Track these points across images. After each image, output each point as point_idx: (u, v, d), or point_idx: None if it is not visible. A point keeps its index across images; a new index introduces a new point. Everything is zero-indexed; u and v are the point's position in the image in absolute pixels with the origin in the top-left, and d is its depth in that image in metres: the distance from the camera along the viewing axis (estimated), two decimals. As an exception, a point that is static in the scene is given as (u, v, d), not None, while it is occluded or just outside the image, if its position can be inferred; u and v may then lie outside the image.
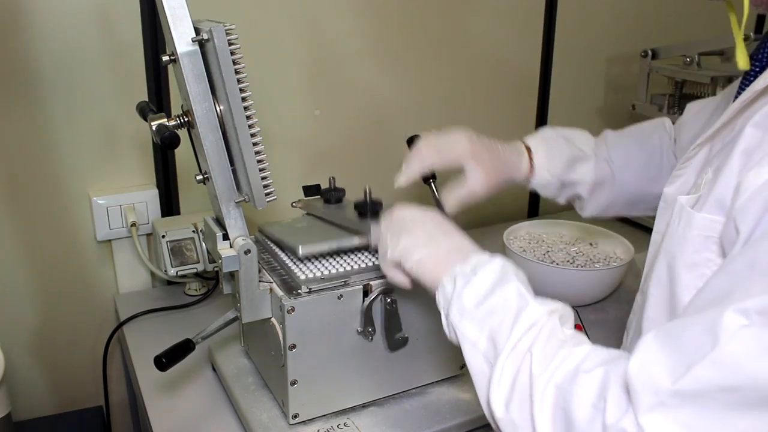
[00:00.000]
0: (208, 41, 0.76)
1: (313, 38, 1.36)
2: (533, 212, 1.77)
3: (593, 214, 1.07)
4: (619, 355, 0.57)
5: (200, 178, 0.84)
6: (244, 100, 0.77)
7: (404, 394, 0.95)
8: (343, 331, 0.87)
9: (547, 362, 0.58)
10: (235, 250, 0.83)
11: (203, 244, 0.93)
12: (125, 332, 1.18)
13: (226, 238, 0.85)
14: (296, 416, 0.88)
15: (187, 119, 0.81)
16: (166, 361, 0.87)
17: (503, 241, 1.32)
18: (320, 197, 1.03)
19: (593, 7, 1.64)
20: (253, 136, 0.79)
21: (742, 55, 0.71)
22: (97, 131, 1.23)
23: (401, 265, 0.75)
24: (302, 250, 0.89)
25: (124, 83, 1.22)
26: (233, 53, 0.76)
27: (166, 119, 0.80)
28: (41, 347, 1.29)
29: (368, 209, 0.94)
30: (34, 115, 1.17)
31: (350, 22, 1.38)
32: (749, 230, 0.56)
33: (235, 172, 0.83)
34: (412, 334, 0.92)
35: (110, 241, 1.28)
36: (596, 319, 1.21)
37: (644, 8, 1.70)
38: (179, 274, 1.18)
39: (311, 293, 0.84)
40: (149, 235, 1.31)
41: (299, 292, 0.84)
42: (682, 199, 0.69)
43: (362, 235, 0.91)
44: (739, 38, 0.72)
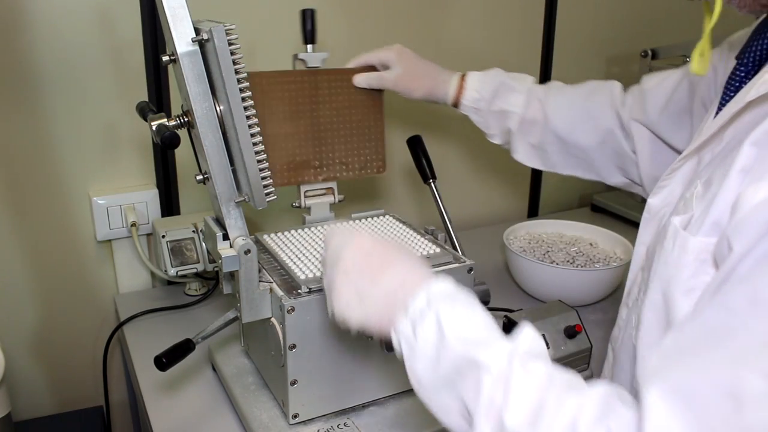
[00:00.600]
0: (208, 41, 0.76)
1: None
2: (533, 212, 1.77)
3: (525, 158, 1.09)
4: (608, 404, 0.52)
5: (200, 178, 0.84)
6: (244, 100, 0.78)
7: (404, 394, 0.95)
8: (343, 331, 0.87)
9: (531, 420, 0.52)
10: (235, 250, 0.83)
11: (203, 244, 0.93)
12: (125, 332, 1.18)
13: (226, 238, 0.85)
14: (296, 416, 0.88)
15: (187, 119, 0.81)
16: (166, 361, 0.87)
17: (503, 241, 1.32)
18: None
19: (593, 7, 1.64)
20: (253, 136, 0.79)
21: (698, 59, 0.68)
22: (97, 131, 1.23)
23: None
24: None
25: (124, 83, 1.22)
26: (233, 53, 0.76)
27: (166, 119, 0.81)
28: (41, 347, 1.29)
29: None
30: (34, 115, 1.17)
31: (344, 22, 1.38)
32: (743, 249, 0.52)
33: (235, 172, 0.83)
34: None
35: (110, 241, 1.28)
36: (596, 319, 1.21)
37: (644, 8, 1.70)
38: (179, 274, 1.18)
39: (311, 293, 0.84)
40: (149, 235, 1.31)
41: (299, 292, 0.84)
42: (675, 220, 0.65)
43: None
44: (705, 41, 0.68)
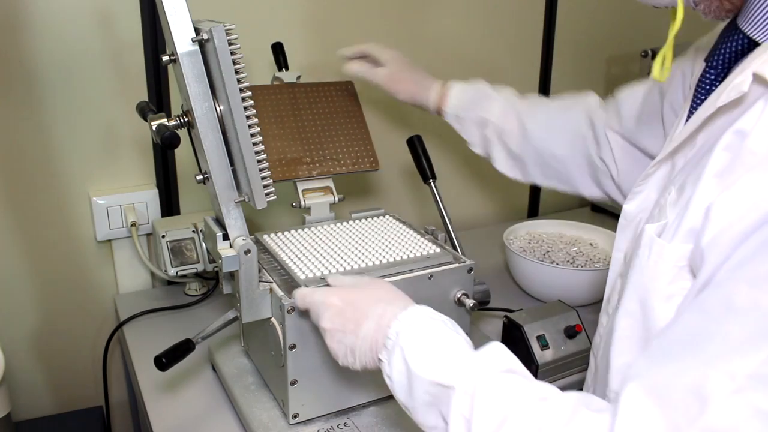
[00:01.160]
0: (208, 41, 0.76)
1: (313, 40, 1.36)
2: (533, 212, 1.77)
3: (505, 168, 1.12)
4: (574, 404, 0.55)
5: (200, 178, 0.84)
6: (244, 100, 0.78)
7: (404, 394, 0.95)
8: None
9: (497, 426, 0.56)
10: (235, 250, 0.83)
11: (203, 244, 0.93)
12: (125, 332, 1.18)
13: (226, 238, 0.85)
14: (296, 416, 0.88)
15: (187, 119, 0.81)
16: (166, 361, 0.87)
17: (503, 241, 1.32)
18: None
19: (593, 7, 1.64)
20: (253, 136, 0.79)
21: (660, 65, 0.70)
22: (97, 131, 1.23)
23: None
24: None
25: (124, 83, 1.22)
26: (233, 53, 0.76)
27: (166, 119, 0.81)
28: (41, 347, 1.29)
29: None
30: (34, 115, 1.17)
31: (342, 22, 1.38)
32: (717, 262, 0.53)
33: (235, 172, 0.83)
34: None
35: (110, 241, 1.28)
36: (596, 319, 1.20)
37: (644, 8, 1.69)
38: (179, 274, 1.18)
39: (311, 293, 0.84)
40: (149, 235, 1.31)
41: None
42: (649, 229, 0.65)
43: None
44: (668, 47, 0.70)
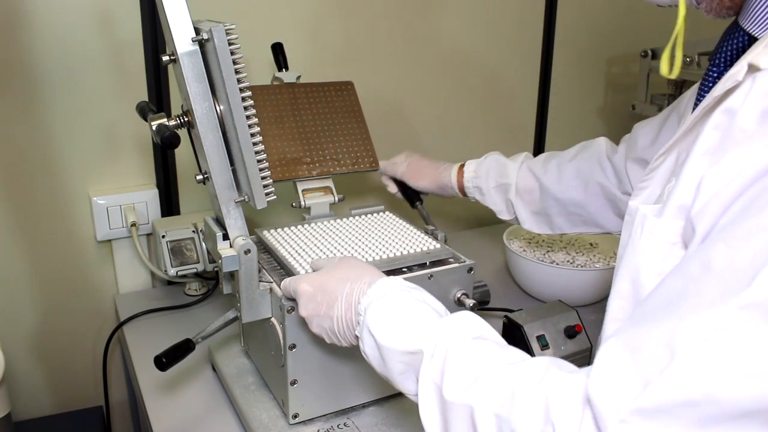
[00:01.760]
0: (208, 41, 0.76)
1: (313, 40, 1.36)
2: (533, 212, 1.77)
3: (533, 225, 1.15)
4: (546, 366, 0.57)
5: (200, 178, 0.84)
6: (244, 100, 0.78)
7: (404, 394, 0.94)
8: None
9: (468, 391, 0.58)
10: (235, 250, 0.83)
11: (203, 244, 0.93)
12: (125, 332, 1.18)
13: (226, 237, 0.85)
14: (296, 416, 0.88)
15: (187, 119, 0.81)
16: (166, 361, 0.87)
17: (503, 241, 1.32)
18: None
19: (593, 7, 1.64)
20: (253, 136, 0.79)
21: (666, 61, 0.71)
22: (97, 131, 1.23)
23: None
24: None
25: (124, 83, 1.22)
26: (233, 53, 0.76)
27: (166, 119, 0.81)
28: (41, 347, 1.29)
29: None
30: (34, 115, 1.17)
31: (342, 23, 1.38)
32: (705, 230, 0.55)
33: (235, 172, 0.83)
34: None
35: (110, 241, 1.28)
36: (596, 319, 1.21)
37: (644, 8, 1.70)
38: (179, 274, 1.18)
39: (311, 293, 0.84)
40: (149, 235, 1.31)
41: (299, 292, 0.84)
42: (644, 208, 0.68)
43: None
44: (671, 44, 0.70)
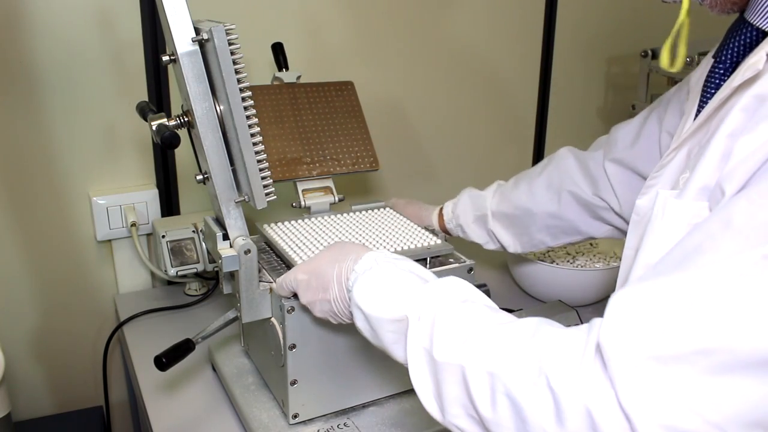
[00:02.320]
0: (208, 41, 0.76)
1: (313, 40, 1.36)
2: (533, 212, 1.77)
3: (519, 248, 1.15)
4: (537, 323, 0.58)
5: (200, 178, 0.84)
6: (244, 100, 0.78)
7: (404, 394, 0.95)
8: (343, 330, 0.87)
9: (459, 351, 0.60)
10: (235, 250, 0.83)
11: (203, 244, 0.93)
12: (125, 332, 1.18)
13: (226, 238, 0.85)
14: (296, 416, 0.88)
15: (187, 119, 0.81)
16: (166, 361, 0.87)
17: (503, 241, 1.32)
18: None
19: (593, 7, 1.64)
20: (253, 136, 0.79)
21: (666, 54, 0.71)
22: (97, 131, 1.23)
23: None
24: None
25: (124, 83, 1.22)
26: (233, 53, 0.76)
27: (166, 119, 0.81)
28: (41, 347, 1.29)
29: None
30: (34, 115, 1.17)
31: (342, 23, 1.38)
32: (733, 192, 0.55)
33: (235, 172, 0.83)
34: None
35: (110, 241, 1.28)
36: (596, 319, 1.21)
37: (644, 8, 1.70)
38: (179, 274, 1.18)
39: (311, 293, 0.84)
40: (149, 235, 1.31)
41: (299, 292, 0.84)
42: (664, 192, 0.67)
43: None
44: (681, 37, 0.71)
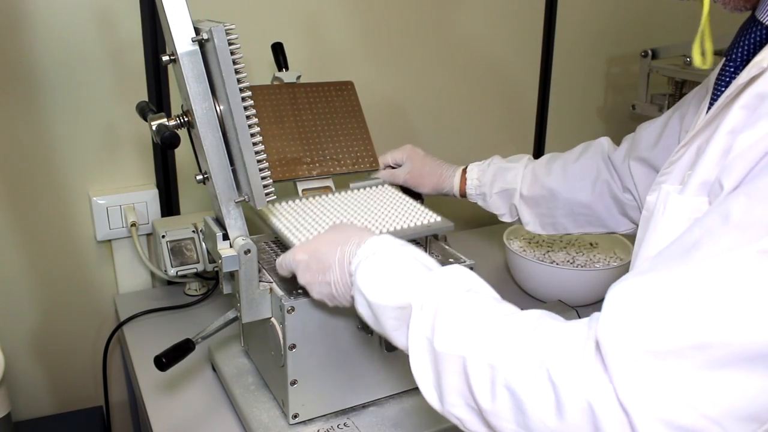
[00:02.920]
0: (208, 41, 0.76)
1: (313, 40, 1.36)
2: (533, 212, 1.77)
3: (538, 227, 1.14)
4: (539, 316, 0.59)
5: (200, 178, 0.84)
6: (244, 100, 0.78)
7: (404, 394, 0.95)
8: (343, 330, 0.87)
9: (459, 341, 0.59)
10: (235, 250, 0.83)
11: (203, 244, 0.93)
12: (125, 332, 1.18)
13: (226, 237, 0.85)
14: (296, 416, 0.88)
15: (187, 119, 0.81)
16: (166, 361, 0.87)
17: (503, 241, 1.32)
18: None
19: (593, 7, 1.64)
20: (253, 136, 0.79)
21: (698, 53, 0.69)
22: (97, 131, 1.23)
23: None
24: None
25: (124, 83, 1.22)
26: (233, 53, 0.76)
27: (166, 119, 0.81)
28: (41, 347, 1.29)
29: None
30: (34, 115, 1.17)
31: (342, 22, 1.38)
32: (731, 186, 0.55)
33: (235, 172, 0.83)
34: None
35: (110, 241, 1.28)
36: (596, 319, 1.21)
37: (644, 8, 1.70)
38: (179, 274, 1.18)
39: (311, 293, 0.84)
40: (149, 235, 1.31)
41: (299, 291, 0.84)
42: (667, 187, 0.68)
43: None
44: (699, 38, 0.70)
